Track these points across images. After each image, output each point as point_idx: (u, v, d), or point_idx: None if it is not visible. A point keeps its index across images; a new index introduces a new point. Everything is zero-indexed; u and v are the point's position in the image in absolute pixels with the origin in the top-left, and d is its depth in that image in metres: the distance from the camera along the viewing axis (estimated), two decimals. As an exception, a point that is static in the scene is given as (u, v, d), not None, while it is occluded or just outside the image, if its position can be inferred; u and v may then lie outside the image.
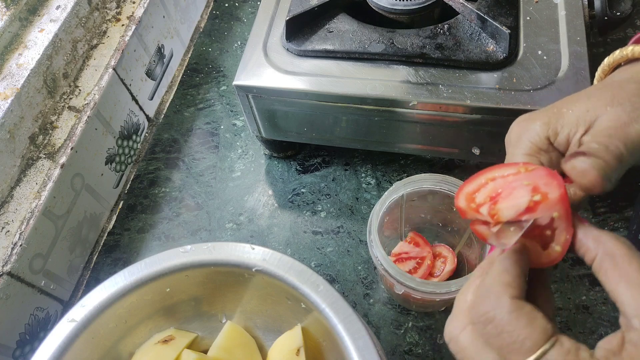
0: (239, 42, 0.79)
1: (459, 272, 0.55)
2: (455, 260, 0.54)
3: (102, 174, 0.64)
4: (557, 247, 0.29)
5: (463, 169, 0.64)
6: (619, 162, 0.30)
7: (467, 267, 0.54)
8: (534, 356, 0.25)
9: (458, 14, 0.54)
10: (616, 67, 0.38)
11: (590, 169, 0.29)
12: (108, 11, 0.68)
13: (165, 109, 0.75)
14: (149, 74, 0.72)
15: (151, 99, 0.73)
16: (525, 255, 0.29)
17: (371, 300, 0.56)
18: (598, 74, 0.39)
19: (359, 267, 0.58)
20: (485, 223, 0.30)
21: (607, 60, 0.38)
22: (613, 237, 0.27)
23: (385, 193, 0.50)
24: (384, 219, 0.50)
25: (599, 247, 0.28)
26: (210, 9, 0.85)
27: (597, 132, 0.31)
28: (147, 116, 0.72)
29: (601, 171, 0.29)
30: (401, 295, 0.48)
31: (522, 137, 0.33)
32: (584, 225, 0.29)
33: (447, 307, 0.54)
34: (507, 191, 0.30)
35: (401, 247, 0.55)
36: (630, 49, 0.36)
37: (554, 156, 0.33)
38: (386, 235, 0.55)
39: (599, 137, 0.30)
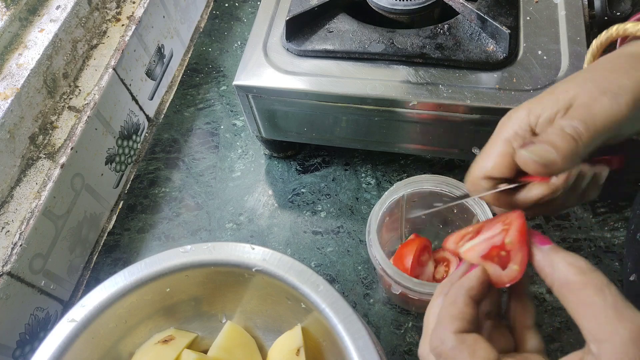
0: (239, 42, 0.79)
1: None
2: (459, 262, 0.54)
3: (102, 174, 0.64)
4: (515, 266, 0.30)
5: (463, 169, 0.64)
6: (578, 144, 0.30)
7: None
8: None
9: (458, 14, 0.54)
10: (605, 50, 0.38)
11: (529, 159, 0.30)
12: (108, 11, 0.68)
13: (165, 109, 0.75)
14: (149, 74, 0.72)
15: (151, 99, 0.73)
16: (479, 278, 0.31)
17: (371, 300, 0.56)
18: (587, 58, 0.40)
19: (359, 267, 0.58)
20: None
21: (595, 43, 0.38)
22: (567, 263, 0.28)
23: (386, 193, 0.50)
24: (384, 219, 0.50)
25: (554, 273, 0.28)
26: (210, 9, 0.85)
27: (572, 111, 0.31)
28: (147, 116, 0.72)
29: (540, 158, 0.29)
30: (398, 295, 0.48)
31: (505, 124, 0.34)
32: (542, 248, 0.29)
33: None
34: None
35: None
36: (614, 29, 0.36)
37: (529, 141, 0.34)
38: (386, 236, 0.55)
39: (564, 119, 0.31)
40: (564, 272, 0.27)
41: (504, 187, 0.33)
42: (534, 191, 0.33)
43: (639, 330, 0.24)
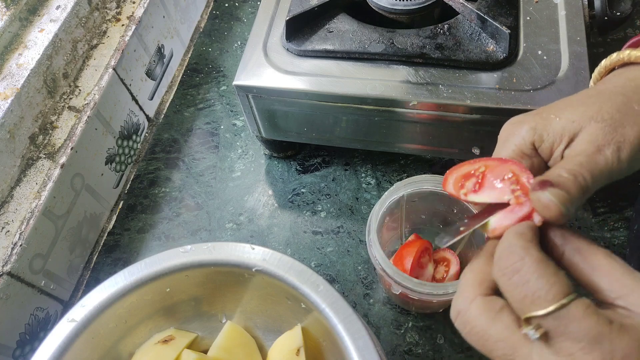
0: (239, 42, 0.79)
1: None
2: (459, 262, 0.54)
3: (102, 174, 0.64)
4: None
5: (463, 169, 0.64)
6: (583, 194, 0.30)
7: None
8: (556, 305, 0.25)
9: (458, 14, 0.54)
10: (612, 69, 0.38)
11: (553, 204, 0.29)
12: (108, 11, 0.68)
13: (165, 109, 0.75)
14: (149, 74, 0.72)
15: (151, 99, 0.73)
16: (531, 227, 0.29)
17: (371, 300, 0.56)
18: (594, 75, 0.40)
19: (359, 267, 0.58)
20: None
21: (604, 63, 0.38)
22: (576, 234, 0.29)
23: (386, 193, 0.50)
24: (384, 219, 0.50)
25: (566, 244, 0.29)
26: (210, 9, 0.85)
27: (575, 152, 0.32)
28: (147, 116, 0.72)
29: (563, 206, 0.29)
30: (398, 295, 0.48)
31: (509, 139, 0.34)
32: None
33: (446, 309, 0.54)
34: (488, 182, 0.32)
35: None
36: (627, 53, 0.36)
37: (536, 162, 0.34)
38: (386, 236, 0.55)
39: (572, 163, 0.31)
40: (576, 241, 0.28)
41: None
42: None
43: None
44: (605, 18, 0.52)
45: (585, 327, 0.24)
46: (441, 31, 0.53)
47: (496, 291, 0.29)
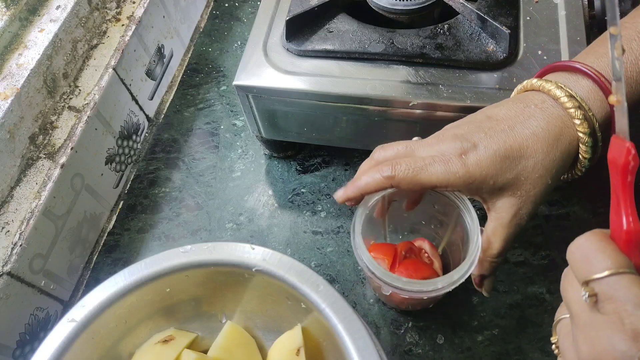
0: (239, 42, 0.79)
1: (445, 267, 0.54)
2: (439, 257, 0.53)
3: (102, 174, 0.64)
4: None
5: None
6: (498, 257, 0.42)
7: (452, 262, 0.53)
8: (610, 272, 0.28)
9: (458, 14, 0.54)
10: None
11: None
12: (108, 11, 0.68)
13: (165, 109, 0.75)
14: (149, 74, 0.72)
15: (151, 99, 0.73)
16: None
17: (371, 300, 0.56)
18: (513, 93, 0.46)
19: (359, 267, 0.58)
20: None
21: (519, 87, 0.45)
22: None
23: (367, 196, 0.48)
24: (368, 220, 0.49)
25: None
26: (210, 9, 0.85)
27: (494, 219, 0.42)
28: (147, 116, 0.72)
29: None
30: (389, 296, 0.48)
31: None
32: None
33: (440, 306, 0.54)
34: None
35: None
36: (531, 82, 0.43)
37: None
38: (370, 236, 0.54)
39: (490, 231, 0.42)
40: None
41: None
42: None
43: None
44: (605, 18, 0.52)
45: (632, 294, 0.27)
46: (441, 31, 0.53)
47: None
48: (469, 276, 0.43)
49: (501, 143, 0.39)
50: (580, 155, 0.40)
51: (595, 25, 0.54)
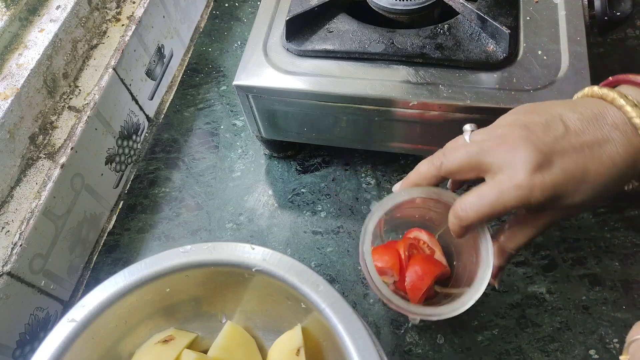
0: (239, 42, 0.79)
1: (446, 251, 0.53)
2: (438, 243, 0.52)
3: (102, 174, 0.64)
4: None
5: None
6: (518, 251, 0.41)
7: (453, 244, 0.52)
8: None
9: (458, 14, 0.54)
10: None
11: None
12: (108, 11, 0.68)
13: (165, 109, 0.75)
14: (149, 74, 0.72)
15: (151, 99, 0.73)
16: None
17: (371, 300, 0.56)
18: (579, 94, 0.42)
19: (359, 267, 0.58)
20: None
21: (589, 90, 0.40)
22: None
23: (370, 213, 0.45)
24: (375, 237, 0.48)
25: None
26: (210, 9, 0.85)
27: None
28: (147, 116, 0.72)
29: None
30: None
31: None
32: None
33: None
34: None
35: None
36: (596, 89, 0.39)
37: None
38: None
39: (516, 226, 0.41)
40: None
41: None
42: None
43: None
44: (605, 18, 0.52)
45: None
46: (441, 31, 0.53)
47: None
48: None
49: (580, 165, 0.35)
50: None
51: (595, 25, 0.54)
